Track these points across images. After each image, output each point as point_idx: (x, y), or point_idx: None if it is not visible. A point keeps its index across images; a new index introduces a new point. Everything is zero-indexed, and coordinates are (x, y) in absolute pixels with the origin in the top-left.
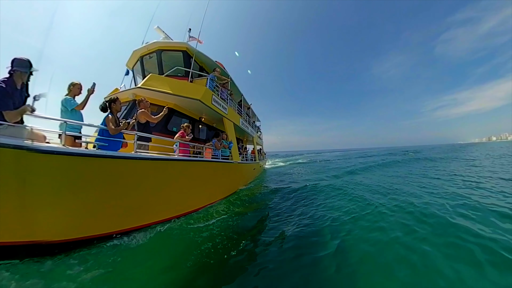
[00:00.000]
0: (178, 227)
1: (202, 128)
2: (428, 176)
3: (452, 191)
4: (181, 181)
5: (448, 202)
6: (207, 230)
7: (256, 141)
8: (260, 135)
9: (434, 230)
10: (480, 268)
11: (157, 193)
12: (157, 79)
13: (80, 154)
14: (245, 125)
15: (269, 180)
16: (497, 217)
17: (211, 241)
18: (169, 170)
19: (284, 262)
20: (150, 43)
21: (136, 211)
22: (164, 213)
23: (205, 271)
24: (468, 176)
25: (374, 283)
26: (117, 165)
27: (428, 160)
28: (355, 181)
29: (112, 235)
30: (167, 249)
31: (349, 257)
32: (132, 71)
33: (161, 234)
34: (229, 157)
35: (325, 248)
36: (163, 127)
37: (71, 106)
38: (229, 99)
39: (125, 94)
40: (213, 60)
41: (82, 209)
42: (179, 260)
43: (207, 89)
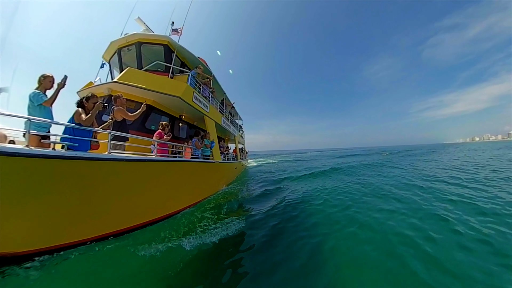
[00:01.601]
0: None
1: (183, 126)
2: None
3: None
4: (159, 183)
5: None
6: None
7: (238, 140)
8: (242, 134)
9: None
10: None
11: (133, 197)
12: (136, 74)
13: (46, 156)
14: (227, 124)
15: (249, 179)
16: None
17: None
18: (146, 171)
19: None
20: (130, 35)
21: (111, 216)
22: (140, 217)
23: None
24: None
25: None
26: (89, 167)
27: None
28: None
29: (87, 242)
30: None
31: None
32: (109, 64)
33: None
34: (209, 157)
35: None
36: (141, 125)
37: (38, 101)
38: (211, 97)
39: (100, 89)
40: (195, 56)
41: (50, 216)
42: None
43: (188, 86)
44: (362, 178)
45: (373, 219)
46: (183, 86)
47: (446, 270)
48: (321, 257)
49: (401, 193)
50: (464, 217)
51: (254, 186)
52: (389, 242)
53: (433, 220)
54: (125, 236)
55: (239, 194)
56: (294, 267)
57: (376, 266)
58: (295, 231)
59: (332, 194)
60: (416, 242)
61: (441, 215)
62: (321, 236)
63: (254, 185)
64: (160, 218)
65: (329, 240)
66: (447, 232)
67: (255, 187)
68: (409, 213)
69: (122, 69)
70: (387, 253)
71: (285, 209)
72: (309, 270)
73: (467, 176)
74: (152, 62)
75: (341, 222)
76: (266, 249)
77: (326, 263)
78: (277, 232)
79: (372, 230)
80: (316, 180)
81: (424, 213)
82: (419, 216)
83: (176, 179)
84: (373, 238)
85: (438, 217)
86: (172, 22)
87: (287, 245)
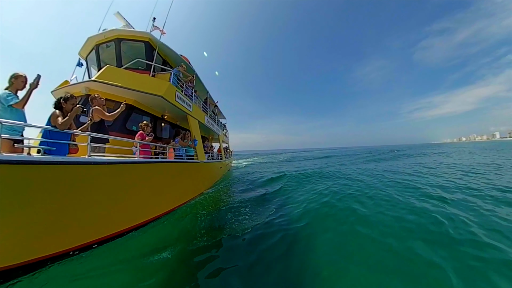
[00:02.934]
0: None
1: (165, 126)
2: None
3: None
4: (143, 186)
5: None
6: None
7: (222, 139)
8: (226, 132)
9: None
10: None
11: (116, 201)
12: (115, 72)
13: (21, 162)
14: (210, 123)
15: (234, 179)
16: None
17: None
18: (129, 174)
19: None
20: (108, 30)
21: (93, 223)
22: (124, 223)
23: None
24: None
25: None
26: (68, 172)
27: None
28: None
29: (69, 253)
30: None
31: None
32: (86, 61)
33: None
34: (194, 157)
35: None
36: (122, 126)
37: (8, 102)
38: (194, 96)
39: (76, 88)
40: (178, 54)
41: (29, 227)
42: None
43: (170, 84)
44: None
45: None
46: (165, 85)
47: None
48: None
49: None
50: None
51: (238, 188)
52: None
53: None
54: (109, 244)
55: (221, 197)
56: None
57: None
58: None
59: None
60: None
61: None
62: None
63: (238, 187)
64: (144, 223)
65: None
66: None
67: (239, 189)
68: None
69: (100, 66)
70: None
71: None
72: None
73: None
74: (133, 59)
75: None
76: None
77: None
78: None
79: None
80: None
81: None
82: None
83: (161, 181)
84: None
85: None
86: (153, 18)
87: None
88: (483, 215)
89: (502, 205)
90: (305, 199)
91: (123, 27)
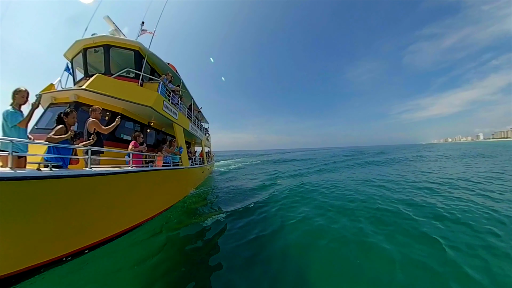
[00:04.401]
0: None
1: (150, 132)
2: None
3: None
4: (136, 192)
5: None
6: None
7: (204, 143)
8: (208, 137)
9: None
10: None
11: (111, 208)
12: (105, 81)
13: (44, 177)
14: (194, 129)
15: (215, 183)
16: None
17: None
18: (123, 182)
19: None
20: (98, 36)
21: (87, 228)
22: (116, 227)
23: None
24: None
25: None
26: (75, 184)
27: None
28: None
29: (62, 259)
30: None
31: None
32: (71, 63)
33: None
34: (179, 163)
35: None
36: (111, 134)
37: (13, 122)
38: (180, 103)
39: (65, 94)
40: (165, 63)
41: (28, 236)
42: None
43: (159, 95)
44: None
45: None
46: (154, 95)
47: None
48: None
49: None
50: None
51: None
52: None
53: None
54: (96, 251)
55: (203, 200)
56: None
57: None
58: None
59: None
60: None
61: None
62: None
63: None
64: (134, 226)
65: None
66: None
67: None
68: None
69: (87, 69)
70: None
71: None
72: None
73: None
74: (121, 66)
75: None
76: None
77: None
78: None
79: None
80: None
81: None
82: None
83: (151, 187)
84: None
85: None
86: (142, 22)
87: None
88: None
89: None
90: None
91: (112, 31)
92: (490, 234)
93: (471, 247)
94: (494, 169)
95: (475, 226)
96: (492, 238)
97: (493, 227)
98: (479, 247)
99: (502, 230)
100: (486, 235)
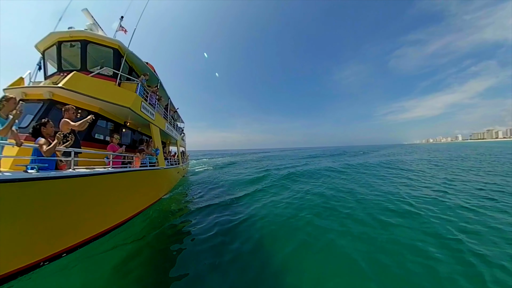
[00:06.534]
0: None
1: (126, 132)
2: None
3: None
4: (116, 193)
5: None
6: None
7: (179, 144)
8: (183, 137)
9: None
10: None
11: (91, 209)
12: (83, 80)
13: (36, 179)
14: (170, 129)
15: (190, 182)
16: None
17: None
18: (108, 183)
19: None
20: (76, 30)
21: (65, 232)
22: (95, 228)
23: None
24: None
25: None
26: (63, 185)
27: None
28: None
29: (39, 264)
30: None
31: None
32: (43, 55)
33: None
34: (155, 163)
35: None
36: (87, 134)
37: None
38: (157, 104)
39: (38, 90)
40: (144, 62)
41: (7, 240)
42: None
43: (137, 96)
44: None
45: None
46: (132, 96)
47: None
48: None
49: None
50: None
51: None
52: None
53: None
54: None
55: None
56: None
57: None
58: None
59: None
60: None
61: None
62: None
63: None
64: (112, 228)
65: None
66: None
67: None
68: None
69: (61, 64)
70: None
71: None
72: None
73: None
74: (98, 63)
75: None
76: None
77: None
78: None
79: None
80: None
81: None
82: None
83: (130, 188)
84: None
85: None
86: (121, 17)
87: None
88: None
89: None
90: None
91: (89, 25)
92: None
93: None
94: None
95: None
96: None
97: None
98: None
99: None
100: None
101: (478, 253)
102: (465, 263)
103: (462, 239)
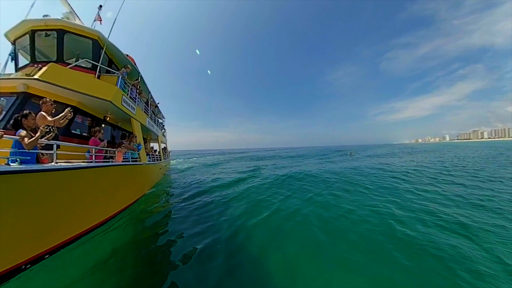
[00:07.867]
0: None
1: (106, 127)
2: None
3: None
4: (99, 188)
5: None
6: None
7: (161, 140)
8: (164, 132)
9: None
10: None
11: (74, 206)
12: (60, 71)
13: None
14: (150, 124)
15: (171, 180)
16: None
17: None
18: (89, 178)
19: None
20: (52, 19)
21: (47, 231)
22: (78, 227)
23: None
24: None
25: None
26: (47, 179)
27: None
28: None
29: (21, 267)
30: None
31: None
32: (13, 45)
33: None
34: (137, 159)
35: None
36: (66, 129)
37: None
38: (138, 98)
39: (11, 83)
40: (124, 54)
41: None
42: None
43: (118, 89)
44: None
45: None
46: (113, 89)
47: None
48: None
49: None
50: None
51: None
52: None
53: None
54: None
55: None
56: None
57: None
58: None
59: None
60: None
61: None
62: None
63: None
64: (94, 227)
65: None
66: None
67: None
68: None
69: (34, 55)
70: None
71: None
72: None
73: None
74: (76, 54)
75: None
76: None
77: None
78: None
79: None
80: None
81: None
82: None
83: (113, 184)
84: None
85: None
86: (99, 6)
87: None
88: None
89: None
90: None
91: (66, 14)
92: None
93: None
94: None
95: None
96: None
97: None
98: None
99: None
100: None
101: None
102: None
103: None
